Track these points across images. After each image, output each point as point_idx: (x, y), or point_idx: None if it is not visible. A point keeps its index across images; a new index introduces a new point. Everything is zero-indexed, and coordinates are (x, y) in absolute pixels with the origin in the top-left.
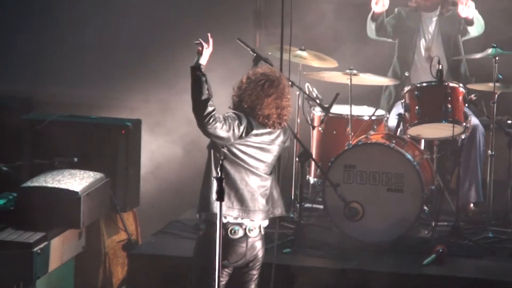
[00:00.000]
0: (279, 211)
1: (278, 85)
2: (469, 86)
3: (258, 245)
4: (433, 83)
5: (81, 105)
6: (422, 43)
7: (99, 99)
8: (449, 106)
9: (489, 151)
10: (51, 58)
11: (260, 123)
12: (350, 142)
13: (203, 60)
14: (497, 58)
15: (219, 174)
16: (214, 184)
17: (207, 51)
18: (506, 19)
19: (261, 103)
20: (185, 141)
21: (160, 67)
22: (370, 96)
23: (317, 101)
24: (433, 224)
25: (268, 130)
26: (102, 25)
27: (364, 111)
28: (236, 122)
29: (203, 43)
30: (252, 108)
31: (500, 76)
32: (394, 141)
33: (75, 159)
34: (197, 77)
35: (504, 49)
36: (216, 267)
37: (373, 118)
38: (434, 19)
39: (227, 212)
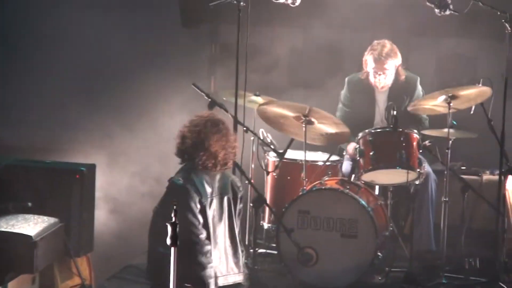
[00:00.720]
0: None
1: (222, 124)
2: (424, 132)
3: None
4: (387, 129)
5: (35, 149)
6: (377, 117)
7: (53, 143)
8: (404, 152)
9: (443, 197)
10: (2, 100)
11: (204, 166)
12: (305, 187)
13: None
14: (451, 104)
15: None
16: None
17: None
18: (459, 65)
19: (208, 140)
20: (140, 184)
21: (119, 110)
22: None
23: (272, 146)
24: (387, 270)
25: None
26: (56, 69)
27: (319, 157)
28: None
29: None
30: (200, 146)
31: (454, 123)
32: (348, 187)
33: (29, 204)
34: None
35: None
36: None
37: (328, 163)
38: (386, 93)
39: None
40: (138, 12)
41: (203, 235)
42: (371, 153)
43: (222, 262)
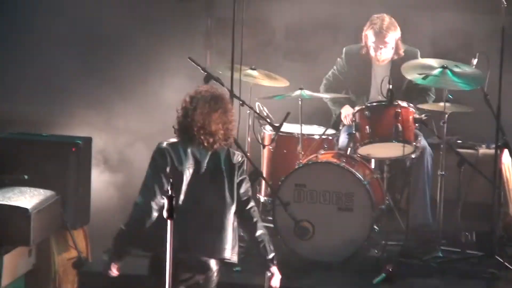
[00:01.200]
0: None
1: (222, 100)
2: (420, 106)
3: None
4: (383, 103)
5: (32, 122)
6: (372, 90)
7: (49, 116)
8: (400, 126)
9: (439, 171)
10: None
11: (203, 143)
12: (301, 161)
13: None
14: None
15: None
16: None
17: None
18: (456, 40)
19: (209, 119)
20: (138, 157)
21: (110, 86)
22: (321, 115)
23: (268, 120)
24: (383, 243)
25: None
26: (53, 40)
27: (315, 130)
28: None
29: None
30: (200, 125)
31: (450, 96)
32: (344, 160)
33: (26, 177)
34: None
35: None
36: None
37: (324, 137)
38: (385, 67)
39: None
40: None
41: (152, 200)
42: (367, 127)
43: (193, 238)
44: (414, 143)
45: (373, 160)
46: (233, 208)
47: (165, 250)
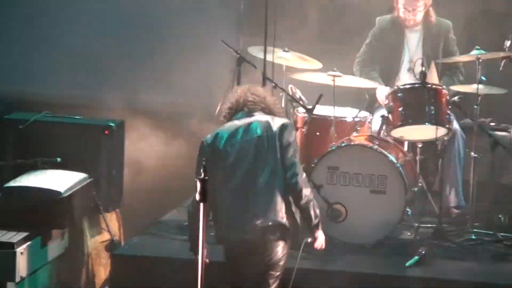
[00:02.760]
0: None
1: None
2: (452, 87)
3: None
4: (416, 85)
5: (65, 105)
6: (406, 57)
7: (83, 100)
8: (432, 108)
9: (472, 153)
10: (32, 58)
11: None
12: (334, 143)
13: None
14: (480, 60)
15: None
16: None
17: None
18: (489, 21)
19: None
20: (170, 143)
21: (145, 68)
22: (354, 97)
23: (300, 102)
24: (416, 226)
25: None
26: (84, 27)
27: (348, 113)
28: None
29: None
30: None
31: (483, 78)
32: (377, 143)
33: (58, 159)
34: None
35: (487, 51)
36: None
37: (357, 119)
38: (418, 34)
39: None
40: None
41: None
42: (400, 109)
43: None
44: (447, 125)
45: (406, 143)
46: (278, 176)
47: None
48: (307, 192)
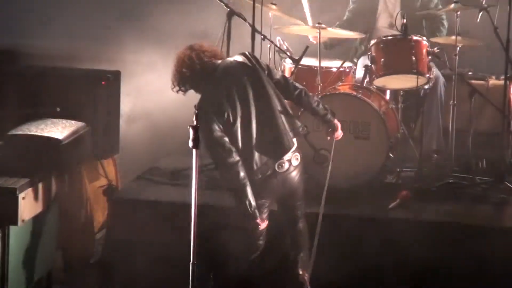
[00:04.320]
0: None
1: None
2: (432, 39)
3: (292, 179)
4: (398, 37)
5: (64, 57)
6: (384, 11)
7: (81, 51)
8: (413, 58)
9: (451, 101)
10: (32, 11)
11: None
12: (319, 92)
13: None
14: (458, 12)
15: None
16: None
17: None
18: None
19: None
20: (164, 95)
21: (141, 23)
22: (339, 49)
23: (288, 53)
24: (398, 170)
25: None
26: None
27: (333, 63)
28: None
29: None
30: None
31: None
32: (361, 92)
33: (58, 109)
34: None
35: (465, 4)
36: (192, 210)
37: (341, 70)
38: None
39: None
40: None
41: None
42: (382, 60)
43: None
44: (427, 75)
45: (388, 91)
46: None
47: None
48: (313, 100)
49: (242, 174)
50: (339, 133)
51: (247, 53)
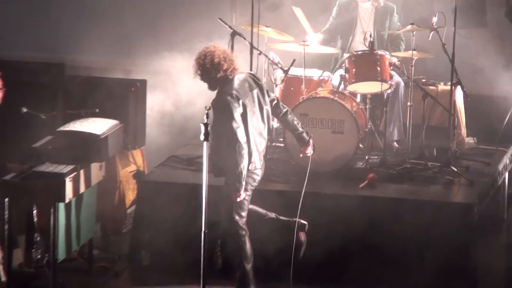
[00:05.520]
0: None
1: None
2: (393, 53)
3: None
4: (366, 51)
5: (101, 69)
6: (359, 30)
7: (115, 64)
8: (378, 68)
9: (408, 103)
10: (76, 32)
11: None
12: (304, 96)
13: None
14: (414, 32)
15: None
16: None
17: None
18: (421, 3)
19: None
20: (180, 99)
21: (163, 38)
22: (319, 61)
23: (279, 65)
24: (367, 158)
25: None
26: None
27: (314, 73)
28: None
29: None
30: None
31: None
32: (337, 95)
33: (97, 110)
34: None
35: (419, 26)
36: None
37: (321, 78)
38: (369, 8)
39: None
40: None
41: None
42: (354, 70)
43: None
44: (390, 82)
45: (358, 95)
46: None
47: None
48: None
49: (245, 155)
50: (309, 149)
51: (253, 73)
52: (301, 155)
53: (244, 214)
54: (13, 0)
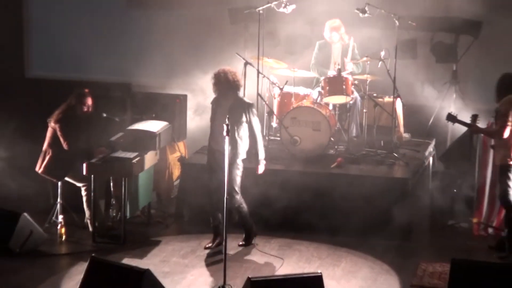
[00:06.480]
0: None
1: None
2: (354, 77)
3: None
4: (335, 75)
5: (157, 86)
6: (332, 60)
7: (166, 82)
8: (344, 86)
9: (364, 110)
10: (141, 59)
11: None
12: (293, 106)
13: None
14: (368, 62)
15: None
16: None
17: None
18: (373, 40)
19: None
20: (209, 106)
21: (193, 63)
22: (304, 82)
23: (276, 84)
24: (336, 147)
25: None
26: (171, 29)
27: (301, 90)
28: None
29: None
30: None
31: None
32: (316, 105)
33: (153, 115)
34: None
35: (372, 57)
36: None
37: (305, 93)
38: (338, 46)
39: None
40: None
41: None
42: (327, 87)
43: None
44: (351, 95)
45: (330, 104)
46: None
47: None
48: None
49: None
50: (261, 169)
51: (247, 100)
52: (257, 172)
53: (239, 190)
54: (95, 33)
